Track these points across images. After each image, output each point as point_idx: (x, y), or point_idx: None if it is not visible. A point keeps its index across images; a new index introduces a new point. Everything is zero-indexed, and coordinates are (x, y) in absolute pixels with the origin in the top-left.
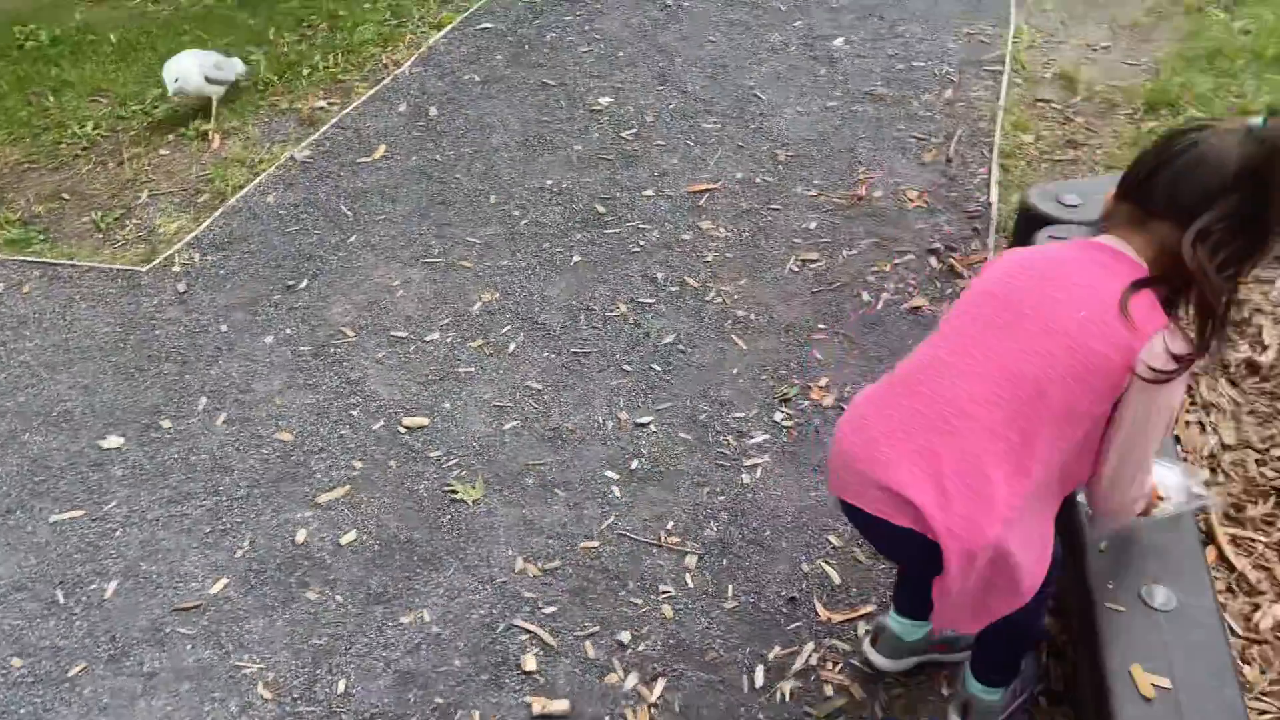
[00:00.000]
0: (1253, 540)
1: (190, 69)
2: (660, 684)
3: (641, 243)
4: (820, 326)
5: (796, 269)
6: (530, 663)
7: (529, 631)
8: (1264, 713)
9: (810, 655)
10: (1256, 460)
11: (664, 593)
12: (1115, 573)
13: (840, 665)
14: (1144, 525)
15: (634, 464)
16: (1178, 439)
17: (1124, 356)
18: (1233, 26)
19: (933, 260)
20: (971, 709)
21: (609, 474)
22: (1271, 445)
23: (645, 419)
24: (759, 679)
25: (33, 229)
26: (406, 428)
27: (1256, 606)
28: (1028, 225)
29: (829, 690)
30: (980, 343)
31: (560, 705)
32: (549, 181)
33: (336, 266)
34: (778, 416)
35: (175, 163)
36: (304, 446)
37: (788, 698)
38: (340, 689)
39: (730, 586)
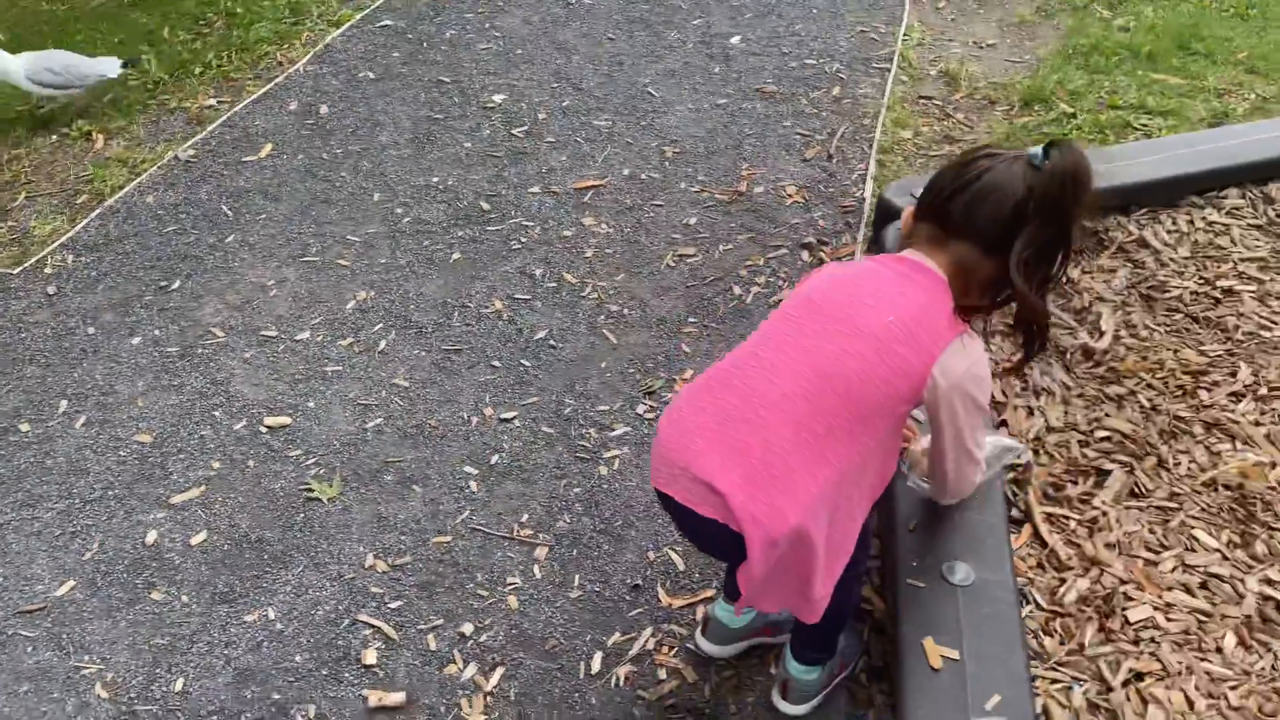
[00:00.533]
0: (1067, 518)
1: (11, 68)
2: (498, 673)
3: (523, 239)
4: (691, 320)
5: (673, 264)
6: (371, 657)
7: (373, 626)
8: (1056, 681)
9: (647, 640)
10: (1080, 441)
11: (511, 584)
12: (922, 550)
13: (675, 649)
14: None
15: (494, 459)
16: (1004, 422)
17: (924, 360)
18: (1113, 24)
19: (804, 254)
20: (790, 688)
21: (468, 469)
22: (1097, 427)
23: (510, 414)
24: (596, 665)
25: None
26: (268, 427)
27: (1063, 581)
28: (882, 218)
29: (662, 674)
30: (794, 343)
31: (397, 697)
32: (435, 179)
33: (212, 267)
34: (640, 409)
35: (57, 164)
36: (163, 448)
37: (622, 682)
38: (178, 687)
39: (577, 576)
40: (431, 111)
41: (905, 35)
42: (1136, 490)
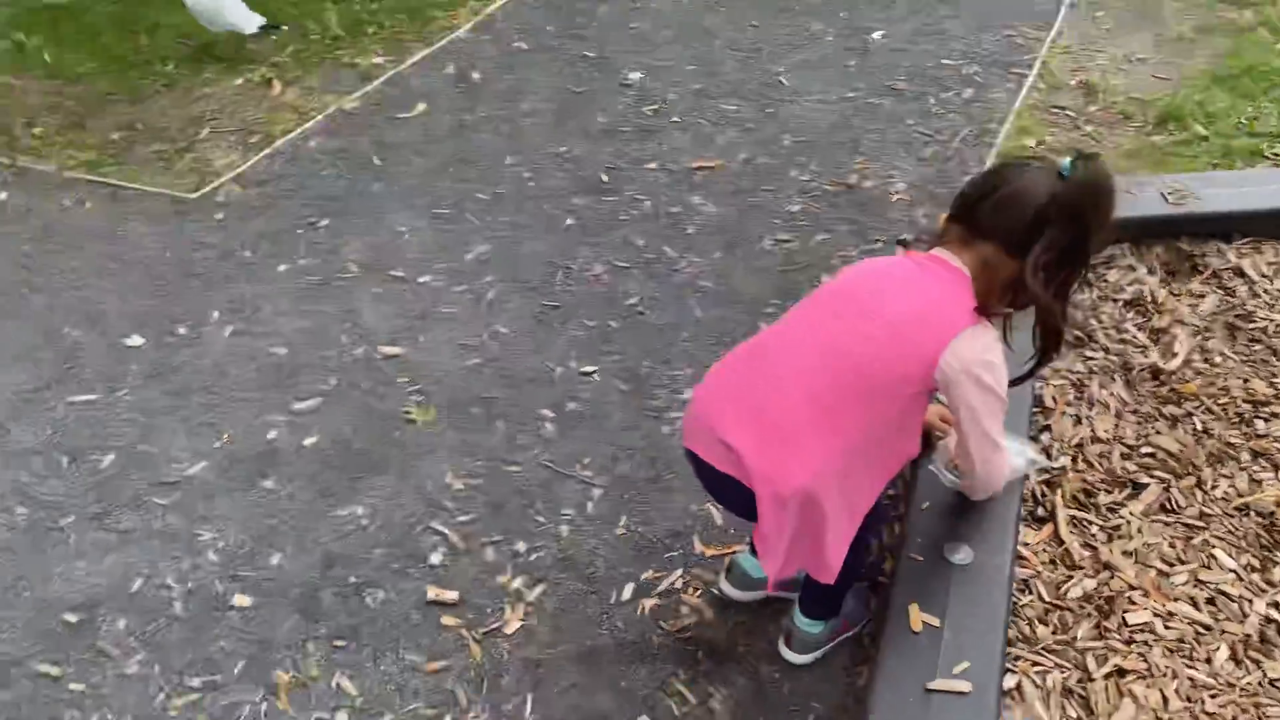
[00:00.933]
0: (1090, 522)
1: None
2: (540, 588)
3: (633, 212)
4: (774, 302)
5: (769, 248)
6: (436, 559)
7: (442, 534)
8: (1037, 664)
9: (676, 580)
10: (1122, 454)
11: (565, 516)
12: (929, 529)
13: (700, 591)
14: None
15: (571, 405)
16: (1048, 428)
17: (935, 345)
18: (1275, 48)
19: (898, 250)
20: (794, 638)
21: (546, 412)
22: (1144, 443)
23: (591, 368)
24: (626, 594)
25: (106, 153)
26: (383, 355)
27: (1071, 578)
28: None
29: (684, 610)
30: (816, 324)
31: (451, 595)
32: (564, 148)
33: (357, 210)
34: None
35: (239, 104)
36: (292, 361)
37: (647, 612)
38: (275, 561)
39: (624, 517)
40: (573, 84)
41: (1052, 42)
42: (1168, 506)
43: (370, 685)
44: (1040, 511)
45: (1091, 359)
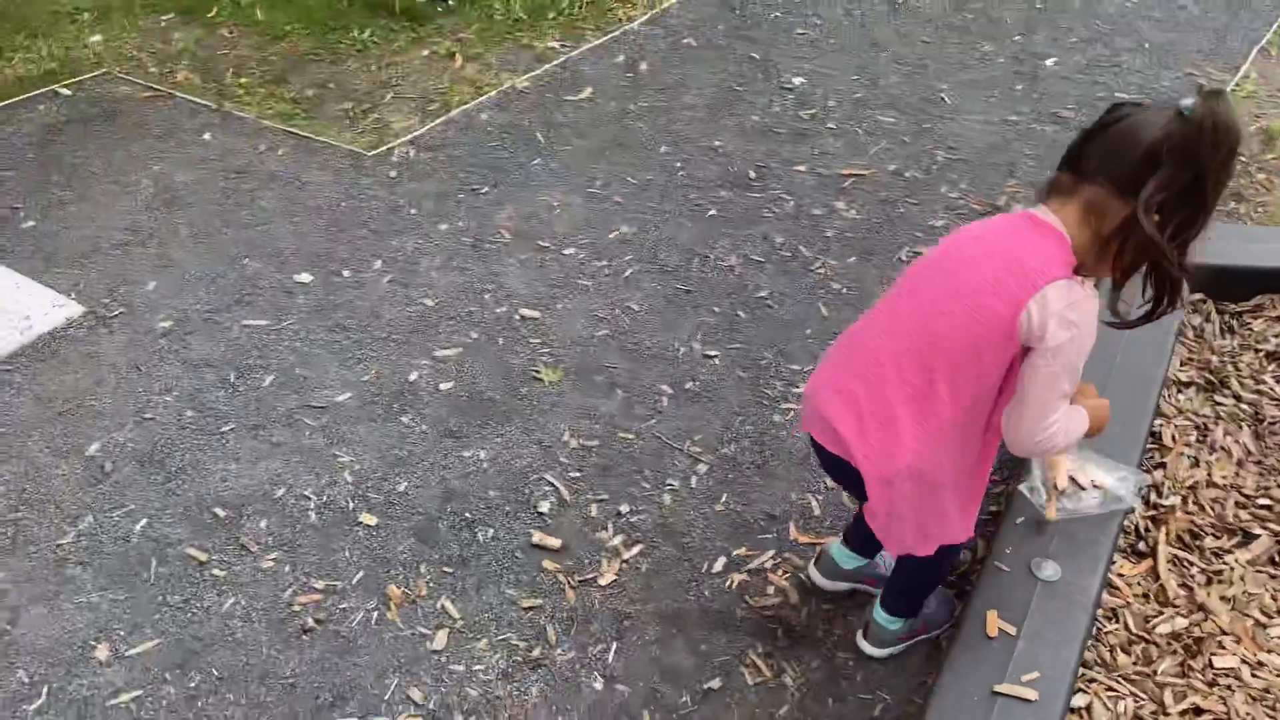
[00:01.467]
0: (1191, 564)
1: None
2: (637, 548)
3: (775, 210)
4: None
5: (905, 259)
6: (544, 507)
7: (553, 486)
8: (1112, 690)
9: (767, 560)
10: (1238, 503)
11: (669, 486)
12: (1020, 543)
13: (789, 575)
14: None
15: (689, 384)
16: (1163, 465)
17: (1013, 309)
18: None
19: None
20: (871, 630)
21: (664, 387)
22: (1262, 494)
23: (713, 352)
24: (718, 566)
25: (299, 107)
26: (521, 316)
27: (1161, 614)
28: None
29: (771, 590)
30: (906, 304)
31: (554, 542)
32: (718, 143)
33: (516, 181)
34: None
35: (422, 74)
36: (440, 313)
37: (734, 586)
38: (401, 489)
39: (725, 494)
40: (734, 83)
41: (1237, 85)
42: (1277, 560)
43: (471, 611)
44: (1141, 546)
45: (1220, 405)
